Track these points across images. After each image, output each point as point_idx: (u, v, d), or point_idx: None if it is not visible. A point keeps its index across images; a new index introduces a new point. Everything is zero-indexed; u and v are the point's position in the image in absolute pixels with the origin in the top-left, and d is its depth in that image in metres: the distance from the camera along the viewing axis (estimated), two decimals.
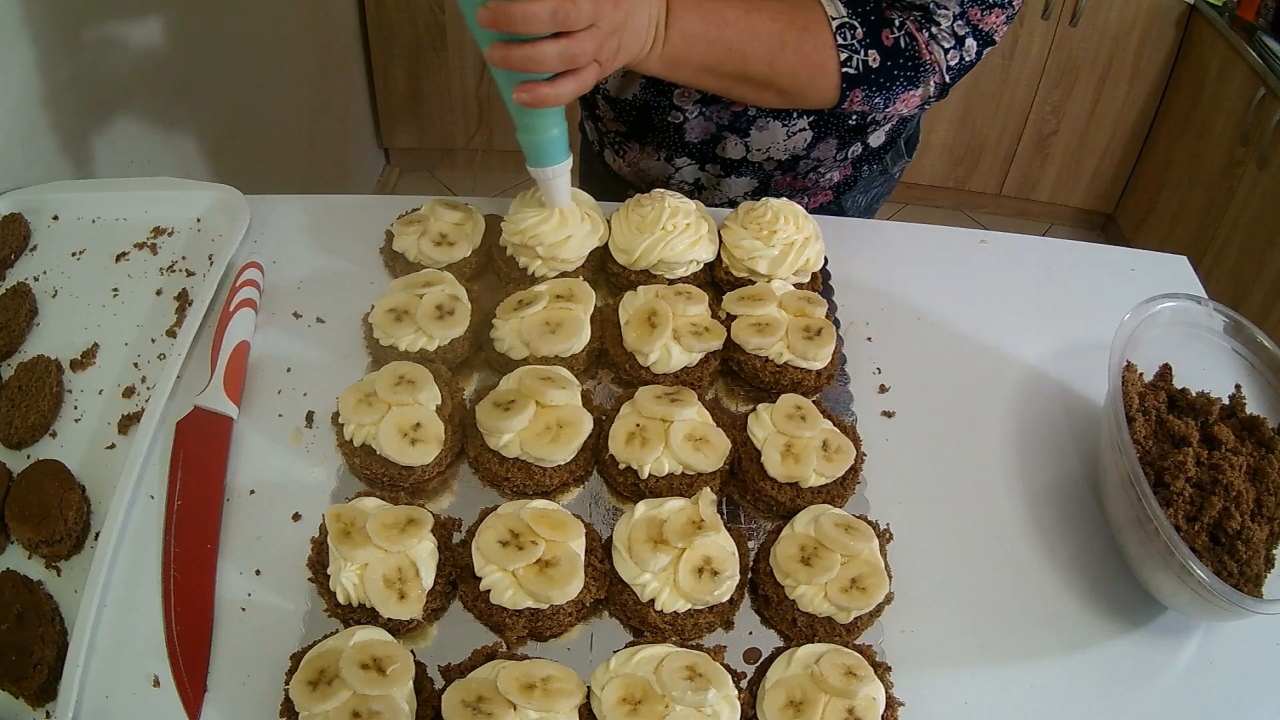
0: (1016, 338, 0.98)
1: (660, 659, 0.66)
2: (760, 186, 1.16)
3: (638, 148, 1.18)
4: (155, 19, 1.43)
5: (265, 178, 1.97)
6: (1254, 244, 2.27)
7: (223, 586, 0.74)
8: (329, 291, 0.98)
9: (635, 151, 1.19)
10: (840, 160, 1.13)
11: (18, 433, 0.82)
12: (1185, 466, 0.74)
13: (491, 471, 0.79)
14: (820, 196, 1.19)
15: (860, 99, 0.94)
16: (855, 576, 0.71)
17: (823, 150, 1.10)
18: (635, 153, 1.19)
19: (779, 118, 1.06)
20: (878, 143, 1.14)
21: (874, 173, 1.20)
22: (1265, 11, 2.33)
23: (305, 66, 2.26)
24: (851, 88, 0.93)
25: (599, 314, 0.91)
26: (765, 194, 1.17)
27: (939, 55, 0.93)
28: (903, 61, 0.92)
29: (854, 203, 1.23)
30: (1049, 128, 2.84)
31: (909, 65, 0.93)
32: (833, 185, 1.18)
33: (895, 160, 1.21)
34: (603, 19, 0.75)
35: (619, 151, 1.21)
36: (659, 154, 1.16)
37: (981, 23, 0.93)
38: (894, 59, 0.92)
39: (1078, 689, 0.73)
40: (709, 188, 1.18)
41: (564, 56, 0.74)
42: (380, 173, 2.99)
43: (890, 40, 0.92)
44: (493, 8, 0.71)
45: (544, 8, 0.70)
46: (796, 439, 0.79)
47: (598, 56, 0.77)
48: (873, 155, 1.16)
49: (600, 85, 1.14)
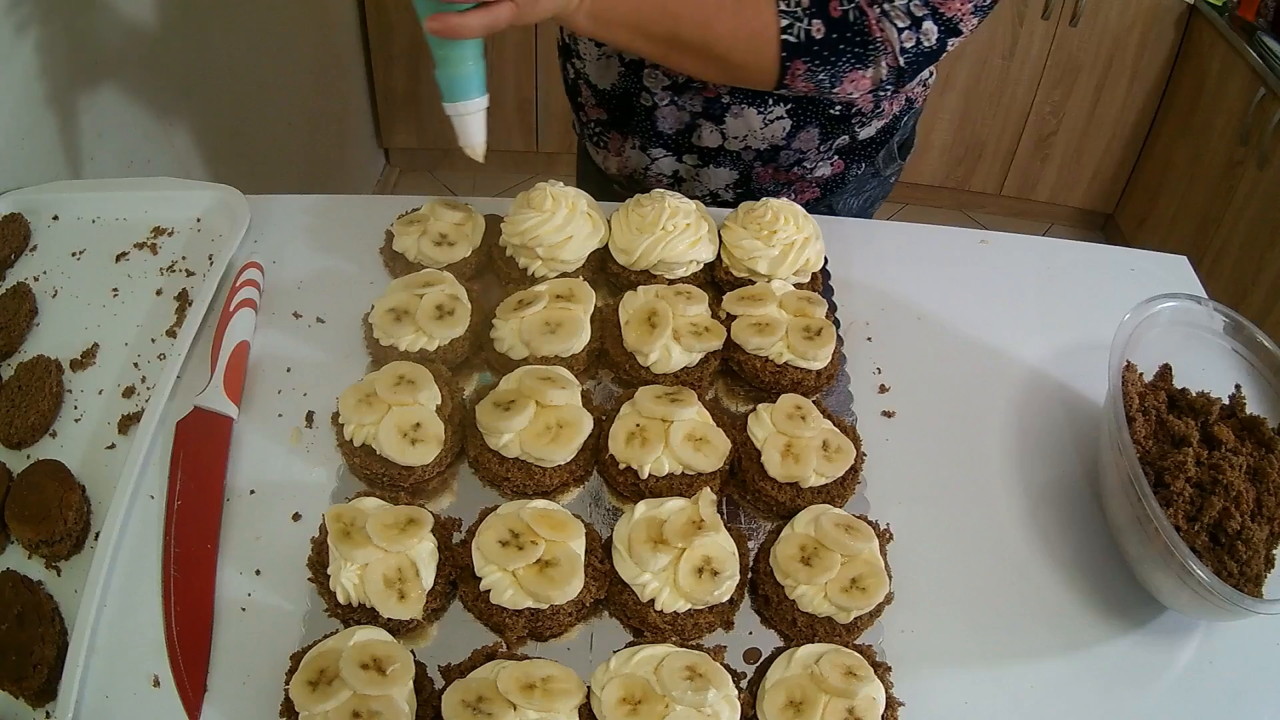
0: (1016, 338, 0.98)
1: (660, 659, 0.66)
2: (741, 178, 1.15)
3: (618, 138, 1.18)
4: (155, 19, 1.43)
5: (265, 178, 1.97)
6: (1254, 244, 2.27)
7: (223, 586, 0.74)
8: (329, 291, 0.98)
9: (616, 141, 1.18)
10: (825, 153, 1.11)
11: (18, 433, 0.82)
12: (1185, 466, 0.74)
13: (491, 471, 0.79)
14: (808, 193, 1.18)
15: (803, 73, 0.90)
16: (855, 576, 0.71)
17: (804, 140, 1.08)
18: (616, 143, 1.19)
19: (753, 104, 1.04)
20: (866, 135, 1.11)
21: (865, 174, 1.18)
22: (1265, 11, 2.33)
23: (305, 66, 2.26)
24: (792, 58, 0.89)
25: (599, 314, 0.91)
26: (747, 186, 1.16)
27: (890, 34, 0.89)
28: (850, 35, 0.89)
29: (845, 205, 1.22)
30: (1049, 128, 2.84)
31: (856, 40, 0.89)
32: (821, 182, 1.16)
33: (888, 163, 1.19)
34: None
35: (600, 143, 1.21)
36: (636, 142, 1.15)
37: (944, 7, 0.88)
38: (840, 31, 0.88)
39: (1078, 689, 0.73)
40: (688, 179, 1.17)
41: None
42: (380, 173, 2.99)
43: (838, 11, 0.88)
44: None
45: None
46: (796, 439, 0.79)
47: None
48: (862, 152, 1.14)
49: (582, 73, 1.14)
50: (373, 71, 2.76)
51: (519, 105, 2.87)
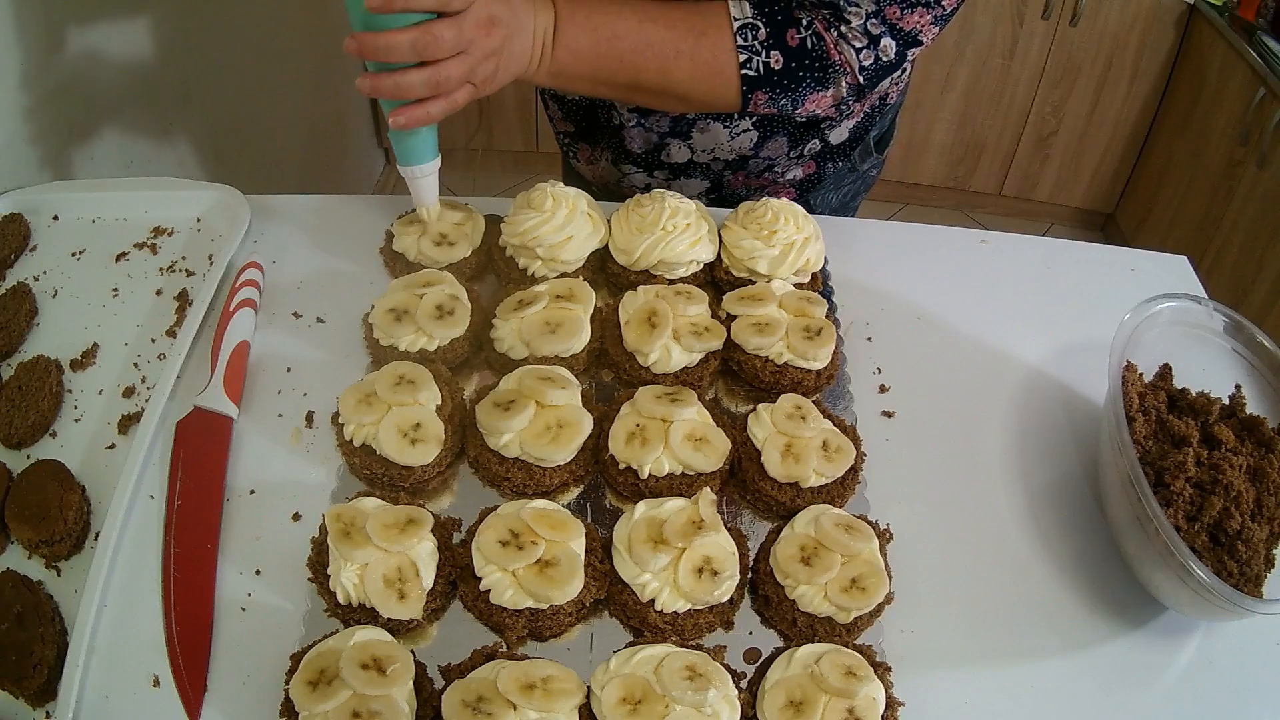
0: (1016, 338, 0.98)
1: (660, 659, 0.66)
2: (712, 187, 1.15)
3: (588, 150, 1.18)
4: (155, 19, 1.43)
5: (265, 178, 1.97)
6: (1254, 244, 2.27)
7: (223, 586, 0.74)
8: (329, 291, 0.98)
9: (587, 152, 1.19)
10: (796, 158, 1.11)
11: (18, 433, 0.82)
12: (1185, 466, 0.74)
13: (491, 471, 0.79)
14: (782, 195, 1.17)
15: (764, 101, 0.92)
16: (855, 576, 0.71)
17: (772, 149, 1.08)
18: (587, 153, 1.19)
19: (719, 119, 1.05)
20: (839, 139, 1.11)
21: (840, 171, 1.17)
22: (1265, 11, 2.33)
23: (305, 66, 2.26)
24: (753, 90, 0.91)
25: (599, 314, 0.91)
26: (719, 193, 1.17)
27: (849, 55, 0.90)
28: (809, 62, 0.90)
29: (823, 200, 1.21)
30: (1049, 128, 2.84)
31: (816, 66, 0.90)
32: (795, 183, 1.16)
33: (864, 157, 1.18)
34: (473, 46, 0.78)
35: (572, 153, 1.21)
36: (608, 155, 1.16)
37: (902, 22, 0.89)
38: (799, 59, 0.90)
39: (1078, 689, 0.73)
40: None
41: (429, 84, 0.78)
42: (380, 173, 2.99)
43: (795, 40, 0.89)
44: (358, 38, 0.75)
45: (404, 39, 0.75)
46: (796, 439, 0.79)
47: (471, 79, 0.80)
48: (836, 153, 1.13)
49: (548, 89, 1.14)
50: None
51: (519, 105, 2.87)
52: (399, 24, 0.75)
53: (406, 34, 0.75)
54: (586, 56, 0.88)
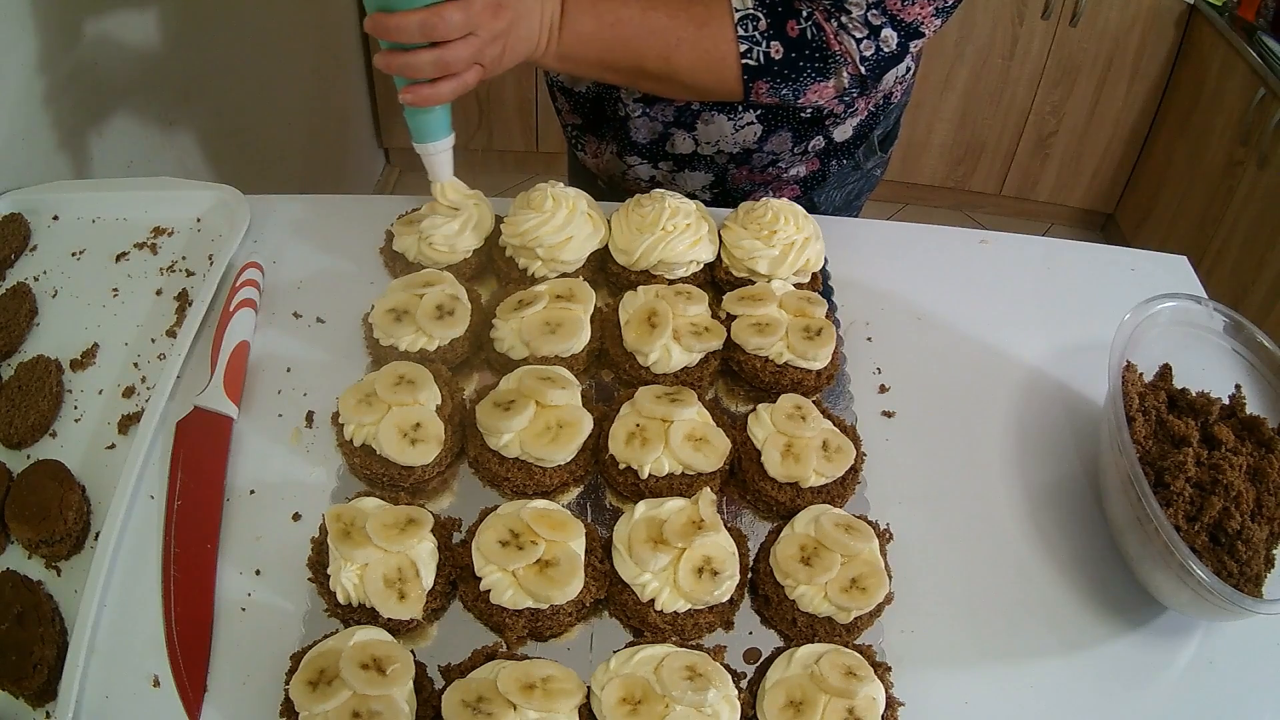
0: (1016, 338, 0.98)
1: (660, 659, 0.66)
2: (717, 180, 1.16)
3: (594, 142, 1.19)
4: (155, 18, 1.43)
5: (265, 178, 1.97)
6: (1254, 244, 2.27)
7: (223, 586, 0.74)
8: (329, 291, 0.98)
9: (593, 145, 1.20)
10: (800, 154, 1.12)
11: (18, 433, 0.82)
12: (1185, 466, 0.74)
13: (491, 471, 0.79)
14: (786, 191, 1.18)
15: (766, 91, 0.94)
16: (855, 576, 0.71)
17: (776, 143, 1.09)
18: (593, 146, 1.20)
19: (724, 111, 1.05)
20: (843, 137, 1.12)
21: (845, 168, 1.18)
22: (1265, 11, 2.33)
23: (305, 66, 2.26)
24: (754, 80, 0.93)
25: (599, 314, 0.91)
26: (723, 187, 1.17)
27: (850, 45, 0.91)
28: (809, 53, 0.92)
29: (827, 199, 1.21)
30: (1049, 128, 2.84)
31: (816, 56, 0.92)
32: (799, 180, 1.17)
33: (869, 155, 1.18)
34: (480, 28, 0.80)
35: (579, 145, 1.22)
36: (613, 148, 1.16)
37: (902, 13, 0.91)
38: (799, 50, 0.91)
39: (1078, 689, 0.73)
40: (665, 183, 1.17)
41: (438, 64, 0.81)
42: (380, 173, 2.99)
43: (796, 31, 0.91)
44: (373, 18, 0.79)
45: (412, 20, 0.78)
46: (796, 439, 0.79)
47: (479, 60, 0.83)
48: (840, 150, 1.14)
49: (554, 77, 1.16)
50: (372, 72, 2.76)
51: (519, 105, 2.87)
52: (412, 5, 0.78)
53: (415, 15, 0.78)
54: (591, 41, 0.90)
